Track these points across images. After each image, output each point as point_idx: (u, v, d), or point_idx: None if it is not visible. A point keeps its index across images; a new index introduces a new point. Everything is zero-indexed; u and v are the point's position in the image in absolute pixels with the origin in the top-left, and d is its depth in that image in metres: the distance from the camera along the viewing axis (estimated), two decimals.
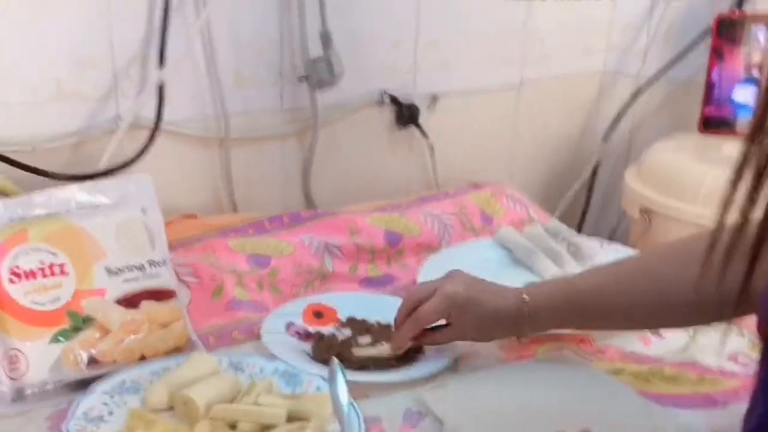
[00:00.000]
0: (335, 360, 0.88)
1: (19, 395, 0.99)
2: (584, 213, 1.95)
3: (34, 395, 0.99)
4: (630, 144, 1.91)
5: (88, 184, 1.12)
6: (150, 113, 1.27)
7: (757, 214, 0.60)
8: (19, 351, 0.99)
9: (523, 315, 1.00)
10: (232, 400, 0.96)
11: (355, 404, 0.96)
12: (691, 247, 0.95)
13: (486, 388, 1.02)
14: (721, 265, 0.64)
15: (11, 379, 0.99)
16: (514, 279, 1.35)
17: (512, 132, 1.78)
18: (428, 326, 1.05)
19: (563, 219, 1.89)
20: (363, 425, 0.93)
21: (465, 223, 1.48)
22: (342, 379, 0.88)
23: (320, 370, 1.04)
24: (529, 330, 1.02)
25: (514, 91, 1.76)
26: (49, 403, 0.97)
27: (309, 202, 1.52)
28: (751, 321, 1.24)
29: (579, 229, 1.94)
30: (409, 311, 1.04)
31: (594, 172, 1.91)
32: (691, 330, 1.19)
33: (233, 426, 0.93)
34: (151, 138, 1.24)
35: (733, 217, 0.62)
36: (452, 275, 1.05)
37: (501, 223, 1.52)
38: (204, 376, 0.99)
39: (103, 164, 1.19)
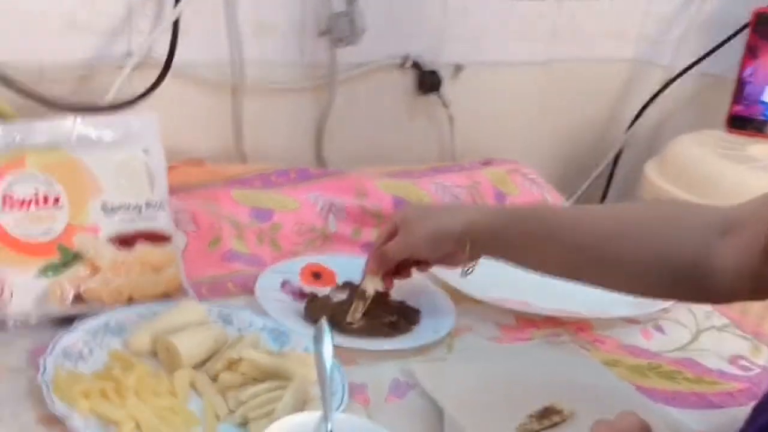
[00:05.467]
0: (323, 321, 0.85)
1: (1, 325, 0.97)
2: (602, 201, 1.90)
3: (16, 327, 0.97)
4: (655, 136, 1.86)
5: (92, 117, 1.08)
6: (162, 52, 1.23)
7: None
8: (5, 280, 0.97)
9: (465, 234, 0.97)
10: (216, 351, 0.94)
11: (341, 368, 0.94)
12: (695, 212, 0.91)
13: (478, 366, 1.00)
14: None
15: None
16: None
17: (536, 110, 1.74)
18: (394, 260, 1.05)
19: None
20: (347, 390, 0.90)
21: (477, 198, 1.44)
22: (329, 342, 0.85)
23: (310, 330, 1.02)
24: (472, 250, 0.98)
25: (541, 68, 1.71)
26: (30, 336, 0.95)
27: (320, 159, 1.48)
28: (753, 324, 1.21)
29: None
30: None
31: (615, 161, 1.86)
32: (694, 329, 1.16)
33: (214, 378, 0.91)
34: (161, 77, 1.20)
35: None
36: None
37: (514, 202, 1.48)
38: (190, 324, 0.96)
39: (109, 99, 1.16)
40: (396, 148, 1.55)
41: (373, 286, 1.06)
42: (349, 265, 1.19)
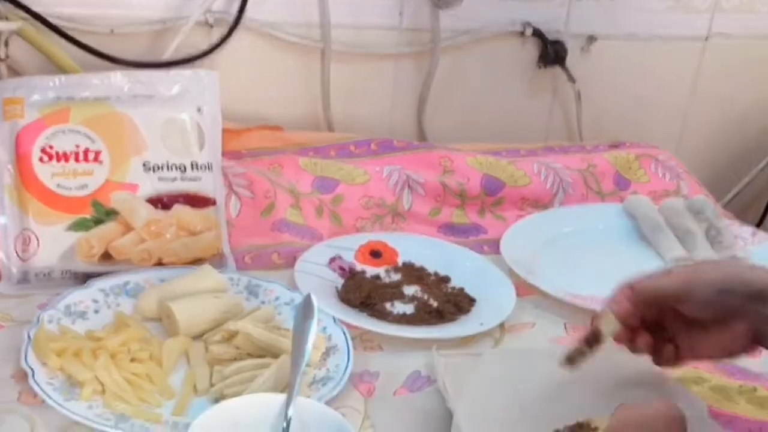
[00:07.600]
0: (310, 295, 0.76)
1: (24, 277, 0.95)
2: None
3: (39, 280, 0.96)
4: None
5: (147, 72, 1.05)
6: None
7: None
8: (33, 233, 0.96)
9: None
10: (221, 323, 0.87)
11: (351, 353, 0.84)
12: None
13: (513, 367, 0.86)
14: None
15: (21, 260, 0.95)
16: (628, 257, 1.15)
17: (687, 91, 1.53)
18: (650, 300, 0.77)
19: (739, 204, 1.62)
20: (347, 377, 0.81)
21: (591, 183, 1.28)
22: (314, 319, 0.76)
23: (339, 310, 0.93)
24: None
25: (697, 45, 1.50)
26: (50, 291, 0.92)
27: (420, 133, 1.37)
28: None
29: (762, 218, 1.66)
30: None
31: None
32: None
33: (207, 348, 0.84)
34: (229, 34, 1.14)
35: None
36: None
37: (639, 190, 1.30)
38: (203, 291, 0.90)
39: (174, 54, 1.11)
40: (511, 124, 1.41)
41: (610, 328, 0.78)
42: (416, 246, 1.09)
